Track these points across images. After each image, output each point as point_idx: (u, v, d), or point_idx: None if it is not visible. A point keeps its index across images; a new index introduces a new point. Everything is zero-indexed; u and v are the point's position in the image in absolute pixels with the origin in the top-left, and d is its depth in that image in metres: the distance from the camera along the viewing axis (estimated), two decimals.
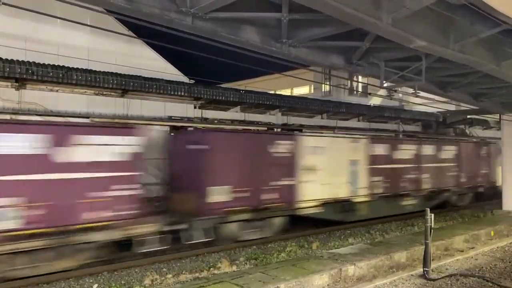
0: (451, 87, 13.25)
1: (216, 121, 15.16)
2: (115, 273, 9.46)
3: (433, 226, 8.60)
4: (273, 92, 20.99)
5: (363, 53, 9.50)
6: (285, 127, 17.26)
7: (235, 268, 9.37)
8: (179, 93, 14.11)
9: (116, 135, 9.55)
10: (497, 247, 11.51)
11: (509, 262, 10.01)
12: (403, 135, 21.47)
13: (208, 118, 15.35)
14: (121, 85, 12.80)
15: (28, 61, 11.32)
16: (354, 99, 24.43)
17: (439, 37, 8.30)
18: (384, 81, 10.55)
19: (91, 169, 9.13)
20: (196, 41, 7.23)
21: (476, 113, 21.71)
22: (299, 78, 13.17)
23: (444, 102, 17.11)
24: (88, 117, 11.98)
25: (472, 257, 10.41)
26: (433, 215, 8.58)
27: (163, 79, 13.87)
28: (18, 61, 11.12)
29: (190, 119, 14.64)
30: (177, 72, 15.81)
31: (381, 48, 9.45)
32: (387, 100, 20.91)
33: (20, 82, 11.39)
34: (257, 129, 15.05)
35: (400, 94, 18.78)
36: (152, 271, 9.40)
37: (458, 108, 23.62)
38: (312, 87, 29.67)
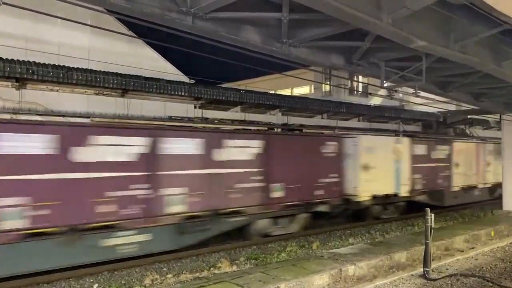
0: (451, 87, 13.25)
1: (216, 121, 15.17)
2: (115, 272, 9.47)
3: (433, 226, 8.61)
4: (273, 92, 20.99)
5: (363, 53, 9.49)
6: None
7: (235, 268, 9.37)
8: (180, 93, 14.09)
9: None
10: (497, 247, 11.52)
11: (510, 262, 10.01)
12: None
13: (208, 118, 15.36)
14: (122, 85, 12.79)
15: (29, 61, 11.32)
16: (354, 99, 24.41)
17: (440, 37, 8.30)
18: (385, 81, 10.54)
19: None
20: (196, 41, 7.24)
21: (477, 113, 21.72)
22: (299, 78, 13.18)
23: (445, 102, 17.11)
24: (88, 117, 11.98)
25: (472, 257, 10.41)
26: (433, 215, 8.59)
27: (163, 79, 13.86)
28: (18, 61, 11.12)
29: (190, 119, 14.65)
30: (178, 72, 15.81)
31: (381, 48, 9.45)
32: (387, 100, 20.91)
33: (21, 82, 11.39)
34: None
35: (401, 94, 18.79)
36: (152, 270, 9.41)
37: (459, 108, 23.62)
38: (313, 87, 29.65)
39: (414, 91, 11.53)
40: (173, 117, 14.16)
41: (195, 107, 15.25)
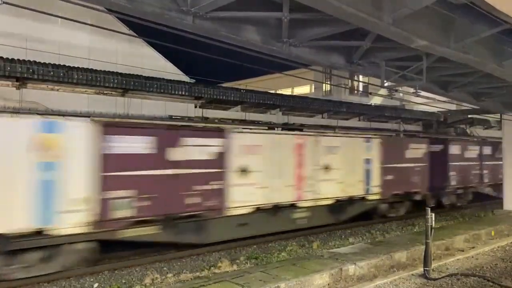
0: (452, 86, 13.24)
1: (216, 120, 15.16)
2: (116, 272, 9.47)
3: (433, 225, 8.60)
4: (273, 91, 20.99)
5: (363, 52, 9.49)
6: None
7: (235, 267, 9.37)
8: (180, 93, 14.10)
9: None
10: (497, 247, 11.51)
11: (510, 262, 10.01)
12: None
13: (208, 118, 15.36)
14: (122, 84, 12.79)
15: (29, 60, 11.32)
16: (355, 99, 24.40)
17: (440, 36, 8.29)
18: (385, 81, 10.54)
19: None
20: (196, 40, 7.23)
21: (477, 112, 21.68)
22: (299, 77, 13.16)
23: (445, 101, 17.10)
24: (88, 116, 11.98)
25: (472, 257, 10.41)
26: (433, 214, 8.59)
27: (163, 79, 13.86)
28: (19, 60, 11.12)
29: (190, 119, 14.65)
30: (178, 71, 15.81)
31: (382, 47, 9.44)
32: (388, 99, 20.91)
33: (21, 81, 11.40)
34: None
35: (401, 94, 18.77)
36: (152, 270, 9.42)
37: (459, 108, 23.61)
38: (313, 86, 29.64)
39: (414, 91, 11.52)
40: (173, 117, 14.17)
41: (195, 107, 15.26)
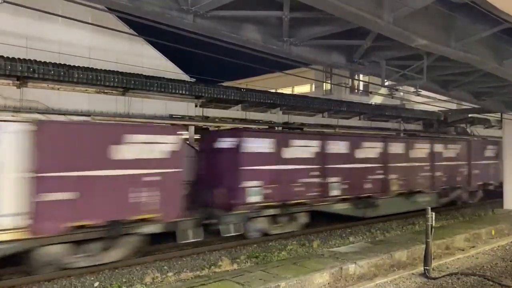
0: (452, 85, 13.23)
1: (217, 119, 15.17)
2: (116, 271, 9.48)
3: (434, 225, 8.59)
4: (274, 90, 20.97)
5: (364, 51, 9.48)
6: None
7: (236, 266, 9.36)
8: (180, 92, 14.10)
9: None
10: (498, 246, 11.50)
11: (510, 261, 10.01)
12: None
13: (209, 117, 15.36)
14: (122, 83, 12.80)
15: (30, 59, 11.32)
16: (355, 98, 24.38)
17: (441, 35, 8.29)
18: (386, 80, 10.53)
19: None
20: (197, 40, 7.23)
21: (478, 112, 21.66)
22: (300, 76, 13.15)
23: (446, 100, 17.09)
24: (89, 115, 12.00)
25: (473, 256, 10.41)
26: (434, 213, 8.58)
27: (164, 78, 13.86)
28: (19, 59, 11.12)
29: (191, 118, 14.65)
30: (178, 70, 15.80)
31: (382, 46, 9.43)
32: (388, 98, 20.88)
33: (22, 80, 11.40)
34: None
35: (402, 93, 18.76)
36: (153, 269, 9.42)
37: (460, 107, 23.59)
38: (313, 85, 29.61)
39: (415, 90, 11.52)
40: (174, 116, 14.17)
41: (195, 106, 15.26)
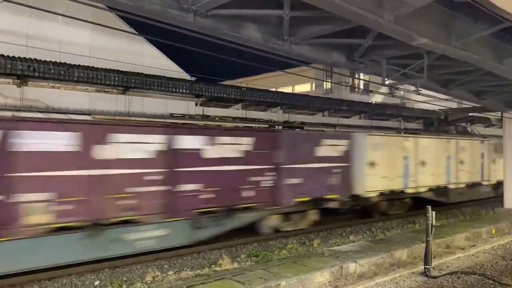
0: (453, 84, 13.22)
1: (217, 118, 15.16)
2: (117, 269, 9.49)
3: (434, 223, 8.60)
4: (274, 89, 20.96)
5: (364, 50, 9.47)
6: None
7: (236, 265, 9.38)
8: (181, 90, 14.09)
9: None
10: (498, 245, 11.52)
11: (510, 260, 10.02)
12: None
13: (209, 116, 15.35)
14: (123, 82, 12.79)
15: (30, 58, 11.31)
16: (355, 97, 24.37)
17: (441, 34, 8.28)
18: (386, 79, 10.52)
19: None
20: (197, 38, 7.23)
21: (478, 111, 21.64)
22: (300, 75, 13.14)
23: (446, 99, 17.08)
24: (90, 114, 11.99)
25: (473, 255, 10.42)
26: (434, 212, 8.59)
27: (164, 76, 13.85)
28: (19, 58, 11.12)
29: (191, 116, 14.65)
30: (179, 69, 15.80)
31: (383, 45, 9.42)
32: (388, 97, 20.84)
33: (22, 79, 11.39)
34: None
35: (402, 92, 18.74)
36: (153, 267, 9.43)
37: (460, 106, 23.57)
38: (314, 84, 29.61)
39: (415, 89, 11.51)
40: (174, 115, 14.16)
41: (196, 105, 15.25)
